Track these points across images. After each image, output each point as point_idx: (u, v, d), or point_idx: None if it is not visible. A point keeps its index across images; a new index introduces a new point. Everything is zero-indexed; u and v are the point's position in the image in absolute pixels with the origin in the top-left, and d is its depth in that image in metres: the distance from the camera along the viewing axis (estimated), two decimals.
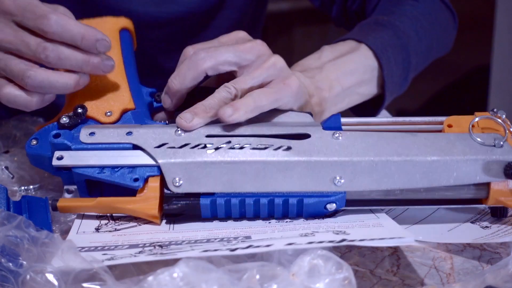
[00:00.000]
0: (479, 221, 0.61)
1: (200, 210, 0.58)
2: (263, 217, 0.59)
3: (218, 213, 0.59)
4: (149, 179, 0.59)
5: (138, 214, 0.58)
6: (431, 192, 0.59)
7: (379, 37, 0.80)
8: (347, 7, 0.97)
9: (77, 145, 0.60)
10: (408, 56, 0.82)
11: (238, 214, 0.59)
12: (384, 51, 0.79)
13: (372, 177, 0.57)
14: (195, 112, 0.61)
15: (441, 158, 0.57)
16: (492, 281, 0.48)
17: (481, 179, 0.57)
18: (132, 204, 0.58)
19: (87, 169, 0.59)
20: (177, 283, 0.43)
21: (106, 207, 0.58)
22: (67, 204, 0.59)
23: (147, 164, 0.59)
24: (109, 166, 0.59)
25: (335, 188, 0.57)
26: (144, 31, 0.95)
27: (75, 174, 0.60)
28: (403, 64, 0.82)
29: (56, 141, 0.60)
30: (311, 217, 0.59)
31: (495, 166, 0.57)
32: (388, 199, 0.59)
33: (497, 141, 0.58)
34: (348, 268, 0.45)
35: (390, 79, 0.80)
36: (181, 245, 0.52)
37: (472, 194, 0.59)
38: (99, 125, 0.63)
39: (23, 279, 0.45)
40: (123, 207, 0.58)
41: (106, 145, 0.60)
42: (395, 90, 0.82)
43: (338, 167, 0.57)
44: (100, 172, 0.59)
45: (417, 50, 0.84)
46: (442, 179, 0.57)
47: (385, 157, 0.57)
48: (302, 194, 0.58)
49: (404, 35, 0.82)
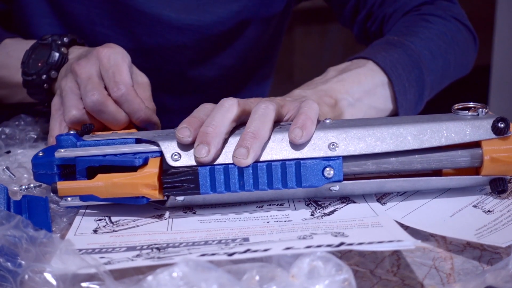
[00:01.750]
0: (481, 204, 0.62)
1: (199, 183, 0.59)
2: (262, 187, 0.59)
3: (217, 185, 0.59)
4: (149, 159, 0.60)
5: (137, 188, 0.58)
6: (426, 158, 0.61)
7: (388, 55, 0.80)
8: (367, 27, 0.98)
9: (82, 142, 0.63)
10: (421, 73, 0.82)
11: (237, 185, 0.59)
12: (393, 68, 0.79)
13: (366, 141, 0.60)
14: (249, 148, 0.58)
15: (430, 123, 0.61)
16: (492, 281, 0.48)
17: (471, 137, 0.61)
18: (131, 177, 0.58)
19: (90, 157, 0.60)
20: (177, 282, 0.43)
21: (106, 183, 0.58)
22: (67, 186, 0.59)
23: (149, 150, 0.61)
24: (111, 154, 0.61)
25: (331, 153, 0.59)
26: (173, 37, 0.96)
27: (78, 162, 0.60)
28: (417, 81, 0.82)
29: (63, 137, 0.63)
30: (311, 187, 0.59)
31: (482, 125, 0.61)
32: (384, 171, 0.62)
33: (480, 110, 0.62)
34: (348, 269, 0.45)
35: (403, 96, 0.80)
36: (179, 248, 0.52)
37: (468, 161, 0.61)
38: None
39: (21, 279, 0.45)
40: (122, 182, 0.58)
41: (110, 140, 0.62)
42: (410, 108, 0.82)
43: (332, 135, 0.60)
44: (102, 157, 0.60)
45: (432, 68, 0.85)
46: (433, 139, 0.60)
47: (377, 126, 0.61)
48: (300, 158, 0.59)
49: (415, 53, 0.82)
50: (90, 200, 0.60)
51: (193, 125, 0.59)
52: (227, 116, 0.59)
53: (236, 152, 0.58)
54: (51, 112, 0.74)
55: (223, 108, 0.60)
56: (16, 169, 0.74)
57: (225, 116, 0.59)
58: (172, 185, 0.59)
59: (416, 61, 0.82)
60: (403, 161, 0.61)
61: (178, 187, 0.59)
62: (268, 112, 0.60)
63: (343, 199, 0.63)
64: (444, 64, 0.87)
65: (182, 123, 0.60)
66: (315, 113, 0.61)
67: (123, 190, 0.58)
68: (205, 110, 0.62)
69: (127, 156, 0.60)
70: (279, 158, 0.59)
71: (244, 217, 0.60)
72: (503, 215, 0.60)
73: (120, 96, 0.69)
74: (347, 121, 0.63)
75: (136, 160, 0.59)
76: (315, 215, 0.60)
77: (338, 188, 0.61)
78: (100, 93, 0.69)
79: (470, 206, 0.62)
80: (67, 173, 0.63)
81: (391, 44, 0.83)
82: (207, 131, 0.58)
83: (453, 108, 0.64)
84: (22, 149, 0.82)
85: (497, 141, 0.61)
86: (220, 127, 0.59)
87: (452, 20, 0.92)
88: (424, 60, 0.83)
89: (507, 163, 0.60)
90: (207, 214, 0.62)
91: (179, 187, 0.59)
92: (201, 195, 0.59)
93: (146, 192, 0.58)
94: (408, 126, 0.61)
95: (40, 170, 0.63)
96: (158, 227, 0.59)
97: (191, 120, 0.60)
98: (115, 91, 0.70)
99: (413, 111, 0.83)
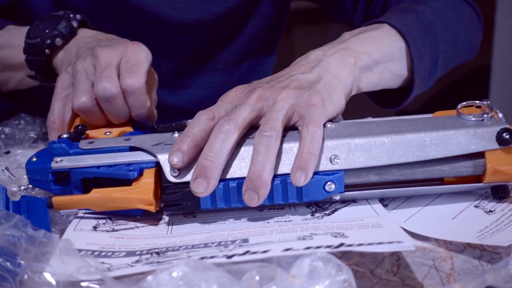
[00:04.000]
0: (482, 204, 0.62)
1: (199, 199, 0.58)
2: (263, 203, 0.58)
3: (217, 201, 0.58)
4: (144, 171, 0.59)
5: (133, 203, 0.58)
6: (428, 169, 0.60)
7: (402, 19, 0.77)
8: (369, 12, 0.96)
9: (76, 150, 0.61)
10: (435, 40, 0.79)
11: (237, 201, 0.58)
12: (409, 31, 0.76)
13: (368, 153, 0.59)
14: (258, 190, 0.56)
15: (433, 132, 0.59)
16: (492, 281, 0.48)
17: (475, 148, 0.59)
18: (127, 192, 0.58)
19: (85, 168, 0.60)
20: (177, 282, 0.43)
21: (102, 198, 0.58)
22: (62, 199, 0.59)
23: (143, 160, 0.59)
24: (106, 165, 0.60)
25: (332, 166, 0.58)
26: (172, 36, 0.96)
27: (72, 173, 0.60)
28: (431, 47, 0.79)
29: (55, 146, 0.61)
30: (312, 202, 0.59)
31: (487, 135, 0.59)
32: (386, 181, 0.61)
33: (485, 115, 0.60)
34: (348, 270, 0.45)
35: (419, 61, 0.77)
36: (178, 251, 0.52)
37: (470, 171, 0.60)
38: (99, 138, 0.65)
39: (21, 279, 0.45)
40: (118, 196, 0.58)
41: (105, 149, 0.61)
42: (424, 76, 0.79)
43: (334, 147, 0.59)
44: (97, 169, 0.59)
45: (444, 38, 0.82)
46: (436, 151, 0.59)
47: (379, 136, 0.59)
48: None
49: (428, 20, 0.79)
50: (86, 209, 0.60)
51: (185, 146, 0.57)
52: (226, 145, 0.57)
53: (246, 196, 0.56)
54: (55, 90, 0.71)
55: (221, 135, 0.57)
56: (15, 170, 0.74)
57: (223, 145, 0.56)
58: (172, 203, 0.58)
59: (430, 27, 0.79)
60: (405, 172, 0.60)
61: (178, 205, 0.58)
62: (270, 144, 0.57)
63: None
64: (454, 36, 0.84)
65: (174, 144, 0.58)
66: (318, 144, 0.58)
67: (118, 204, 0.58)
68: (200, 125, 0.58)
69: (121, 168, 0.59)
70: (280, 173, 0.58)
71: (244, 219, 0.60)
72: (505, 215, 0.60)
73: (130, 86, 0.66)
74: (349, 126, 0.61)
75: (131, 173, 0.58)
76: (315, 215, 0.60)
77: (339, 198, 0.60)
78: (113, 82, 0.66)
79: (471, 207, 0.62)
80: (62, 179, 0.63)
81: (404, 10, 0.80)
82: (206, 164, 0.56)
83: (457, 108, 0.63)
84: (22, 149, 0.81)
85: (501, 152, 0.60)
86: (219, 158, 0.56)
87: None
88: (437, 27, 0.80)
89: (510, 175, 0.60)
90: (207, 217, 0.61)
91: (179, 205, 0.58)
92: (201, 209, 0.59)
93: (142, 207, 0.58)
94: (411, 137, 0.59)
95: (35, 176, 0.63)
96: (158, 230, 0.59)
97: (184, 140, 0.57)
98: (127, 78, 0.67)
99: (426, 81, 0.80)
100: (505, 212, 0.60)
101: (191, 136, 0.58)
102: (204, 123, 0.59)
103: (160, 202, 0.59)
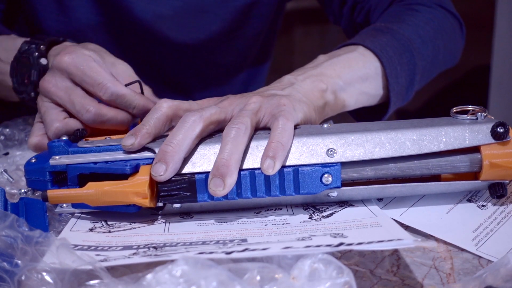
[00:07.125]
0: (475, 199, 0.63)
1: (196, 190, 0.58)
2: (260, 195, 0.58)
3: None
4: (140, 167, 0.59)
5: (128, 196, 0.57)
6: (425, 164, 0.61)
7: (377, 40, 0.79)
8: (353, 19, 0.98)
9: (75, 149, 0.62)
10: (412, 57, 0.81)
11: (235, 193, 0.58)
12: (383, 50, 0.78)
13: (364, 147, 0.59)
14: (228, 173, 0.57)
15: (429, 128, 0.60)
16: (492, 281, 0.48)
17: (470, 142, 0.60)
18: (122, 185, 0.57)
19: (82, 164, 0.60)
20: (177, 280, 0.43)
21: (96, 192, 0.58)
22: (57, 193, 0.59)
23: (140, 157, 0.60)
24: (103, 161, 0.60)
25: (329, 159, 0.59)
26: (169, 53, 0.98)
27: (69, 169, 0.60)
28: (408, 65, 0.80)
29: (55, 144, 0.62)
30: (309, 195, 0.59)
31: (482, 130, 0.60)
32: (383, 177, 0.61)
33: (479, 114, 0.62)
34: (349, 272, 0.45)
35: (395, 80, 0.78)
36: (176, 247, 0.52)
37: (466, 166, 0.61)
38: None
39: (19, 279, 0.45)
40: (113, 190, 0.57)
41: (103, 147, 0.62)
42: (401, 93, 0.81)
43: (330, 141, 0.59)
44: (93, 165, 0.60)
45: (423, 54, 0.83)
46: (432, 145, 0.60)
47: (375, 131, 0.60)
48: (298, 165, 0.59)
49: (404, 37, 0.81)
50: (82, 208, 0.60)
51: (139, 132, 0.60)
52: (189, 134, 0.58)
53: (212, 184, 0.56)
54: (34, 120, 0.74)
55: (185, 125, 0.58)
56: (14, 172, 0.74)
57: (187, 134, 0.58)
58: (168, 193, 0.58)
59: (406, 45, 0.81)
60: (401, 167, 0.61)
61: (175, 195, 0.58)
62: (238, 136, 0.58)
63: (341, 203, 0.63)
64: (433, 49, 0.86)
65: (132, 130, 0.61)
66: (288, 135, 0.59)
67: (113, 198, 0.58)
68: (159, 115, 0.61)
69: (118, 163, 0.59)
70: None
71: (242, 221, 0.60)
72: (497, 211, 0.61)
73: (110, 95, 0.68)
74: (345, 126, 0.63)
75: (127, 168, 0.58)
76: (313, 218, 0.60)
77: (336, 194, 0.60)
78: (93, 106, 0.68)
79: (464, 200, 0.63)
80: (59, 180, 0.63)
81: (379, 31, 0.82)
82: (166, 149, 0.57)
83: (451, 111, 0.63)
84: (21, 151, 0.81)
85: (496, 146, 0.60)
86: (181, 146, 0.57)
87: (438, 8, 0.92)
88: (414, 44, 0.82)
89: (506, 168, 0.60)
90: (204, 218, 0.61)
91: (176, 195, 0.58)
92: (198, 202, 0.59)
93: (136, 201, 0.57)
94: (406, 131, 0.60)
95: (32, 176, 0.63)
96: (155, 229, 0.59)
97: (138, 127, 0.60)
98: (104, 92, 0.68)
99: (403, 98, 0.82)
100: (497, 207, 0.61)
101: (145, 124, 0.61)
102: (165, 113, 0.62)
103: (156, 199, 0.59)
